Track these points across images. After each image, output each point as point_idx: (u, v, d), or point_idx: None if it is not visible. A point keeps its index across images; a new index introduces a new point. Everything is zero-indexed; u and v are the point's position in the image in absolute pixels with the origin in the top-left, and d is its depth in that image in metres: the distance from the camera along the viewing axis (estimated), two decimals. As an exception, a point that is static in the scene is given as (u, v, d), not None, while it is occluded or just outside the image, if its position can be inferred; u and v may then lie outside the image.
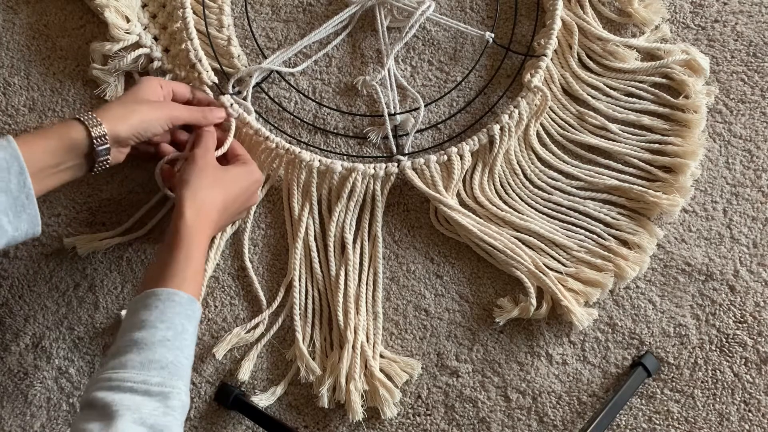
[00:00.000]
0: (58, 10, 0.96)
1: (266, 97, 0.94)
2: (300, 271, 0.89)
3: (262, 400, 0.87)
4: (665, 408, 0.87)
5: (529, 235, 0.88)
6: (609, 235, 0.89)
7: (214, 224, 0.79)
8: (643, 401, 0.87)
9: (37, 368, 0.90)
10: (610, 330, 0.88)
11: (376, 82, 0.92)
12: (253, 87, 0.92)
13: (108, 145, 0.74)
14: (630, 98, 0.92)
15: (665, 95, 0.91)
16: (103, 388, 0.66)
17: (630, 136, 0.91)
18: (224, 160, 0.86)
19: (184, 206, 0.76)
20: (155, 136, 0.79)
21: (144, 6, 0.95)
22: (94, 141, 0.73)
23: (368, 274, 0.89)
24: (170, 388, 0.67)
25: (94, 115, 0.74)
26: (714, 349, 0.88)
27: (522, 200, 0.90)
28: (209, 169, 0.79)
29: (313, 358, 0.87)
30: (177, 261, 0.73)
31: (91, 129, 0.73)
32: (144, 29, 0.93)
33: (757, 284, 0.89)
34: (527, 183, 0.90)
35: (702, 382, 0.87)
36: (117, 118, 0.75)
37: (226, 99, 0.89)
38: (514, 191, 0.90)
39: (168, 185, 0.85)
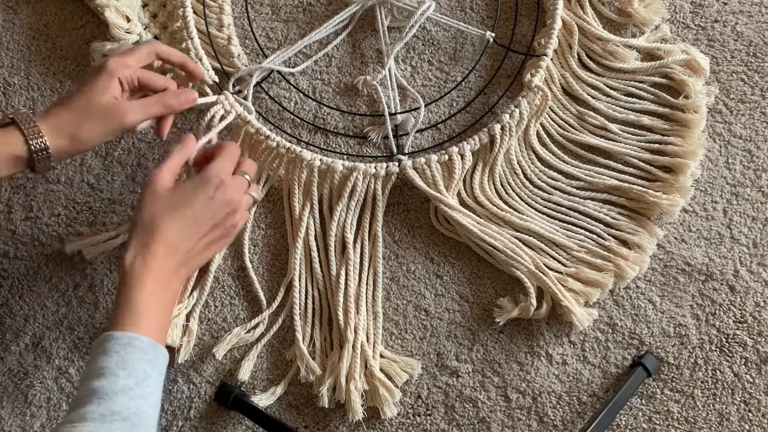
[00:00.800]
0: (58, 10, 0.96)
1: (266, 97, 0.94)
2: (300, 271, 0.89)
3: (262, 400, 0.87)
4: (665, 408, 0.87)
5: (529, 235, 0.88)
6: (609, 235, 0.89)
7: (170, 258, 0.71)
8: (643, 401, 0.87)
9: (37, 368, 0.90)
10: (610, 330, 0.88)
11: (377, 82, 0.92)
12: (254, 86, 0.92)
13: (50, 158, 0.70)
14: (630, 98, 0.92)
15: (665, 95, 0.91)
16: None
17: (630, 136, 0.91)
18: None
19: (125, 249, 0.70)
20: (127, 132, 0.76)
21: (144, 6, 0.95)
22: (35, 155, 0.70)
23: (368, 273, 0.89)
24: None
25: (36, 124, 0.70)
26: (714, 349, 0.88)
27: (522, 200, 0.90)
28: (153, 198, 0.72)
29: (313, 358, 0.87)
30: (131, 303, 0.68)
31: (30, 141, 0.69)
32: (144, 29, 0.93)
33: (757, 284, 0.89)
34: (527, 183, 0.90)
35: (702, 382, 0.87)
36: (59, 129, 0.71)
37: (227, 97, 0.89)
38: (514, 191, 0.90)
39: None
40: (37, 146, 0.70)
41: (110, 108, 0.74)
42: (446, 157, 0.88)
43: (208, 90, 0.90)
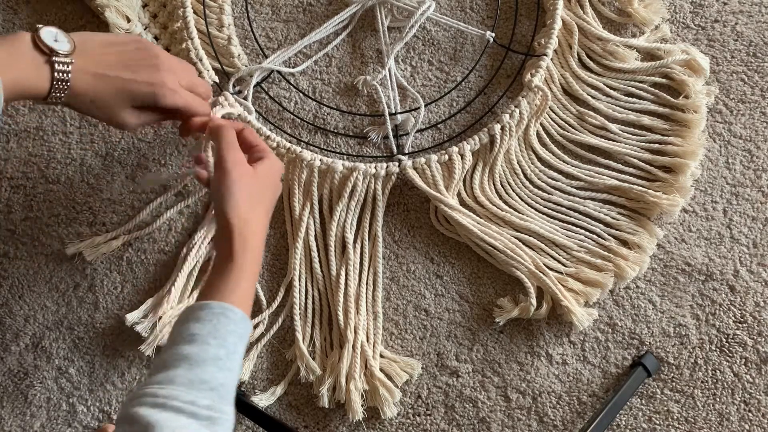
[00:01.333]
0: (58, 10, 0.96)
1: (266, 97, 0.94)
2: (300, 271, 0.89)
3: (262, 400, 0.87)
4: (665, 408, 0.87)
5: (529, 235, 0.88)
6: (609, 235, 0.89)
7: (262, 235, 0.73)
8: (643, 401, 0.87)
9: (37, 368, 0.90)
10: (610, 330, 0.88)
11: (377, 82, 0.92)
12: (254, 86, 0.92)
13: (68, 74, 0.66)
14: (630, 98, 0.92)
15: (665, 95, 0.91)
16: (148, 404, 0.60)
17: (630, 136, 0.91)
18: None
19: (232, 225, 0.69)
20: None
21: (144, 6, 0.95)
22: (55, 60, 0.65)
23: (368, 273, 0.89)
24: (219, 414, 0.61)
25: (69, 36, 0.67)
26: (714, 349, 0.88)
27: (522, 200, 0.90)
28: (245, 179, 0.72)
29: (313, 358, 0.87)
30: (229, 277, 0.68)
31: (55, 45, 0.65)
32: (145, 29, 0.93)
33: (757, 284, 0.89)
34: (527, 183, 0.90)
35: (702, 382, 0.87)
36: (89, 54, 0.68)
37: (227, 98, 0.89)
38: (514, 191, 0.90)
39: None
40: (62, 50, 0.65)
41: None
42: (446, 157, 0.88)
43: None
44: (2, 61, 0.63)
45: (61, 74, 0.66)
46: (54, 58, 0.65)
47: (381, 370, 0.86)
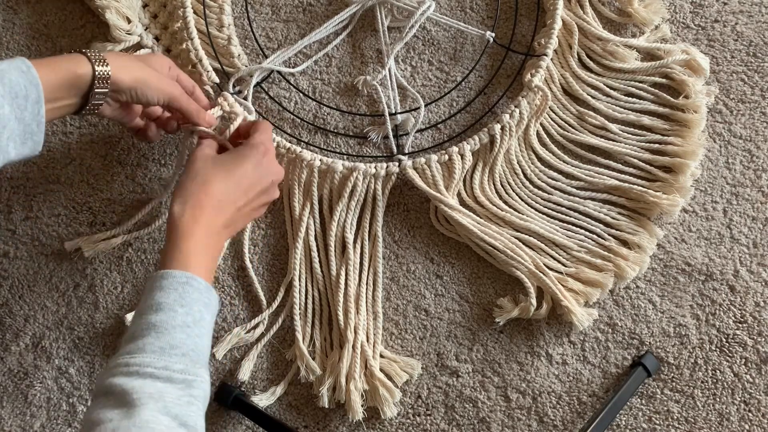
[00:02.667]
0: (58, 10, 0.96)
1: (266, 97, 0.94)
2: (300, 271, 0.89)
3: (262, 400, 0.87)
4: (665, 408, 0.87)
5: (529, 235, 0.88)
6: (609, 235, 0.89)
7: (214, 211, 0.72)
8: (643, 401, 0.87)
9: (37, 368, 0.90)
10: (610, 330, 0.88)
11: (377, 82, 0.92)
12: (254, 86, 0.92)
13: (107, 89, 0.70)
14: (630, 98, 0.92)
15: (665, 95, 0.91)
16: (121, 374, 0.61)
17: (630, 136, 0.91)
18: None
19: (171, 204, 0.72)
20: (147, 105, 0.76)
21: (145, 6, 0.95)
22: (96, 81, 0.69)
23: (368, 273, 0.89)
24: (193, 376, 0.63)
25: (102, 55, 0.70)
26: (714, 349, 0.88)
27: (522, 200, 0.90)
28: (198, 163, 0.75)
29: (313, 358, 0.87)
30: (181, 249, 0.69)
31: (96, 68, 0.69)
32: (145, 29, 0.93)
33: (757, 284, 0.89)
34: (527, 183, 0.90)
35: (702, 382, 0.87)
36: (124, 67, 0.71)
37: (227, 98, 0.89)
38: (514, 191, 0.90)
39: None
40: (101, 73, 0.69)
41: (164, 75, 0.77)
42: (446, 157, 0.88)
43: (209, 90, 0.90)
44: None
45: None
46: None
47: (381, 370, 0.86)
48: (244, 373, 0.87)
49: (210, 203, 0.72)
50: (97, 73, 0.69)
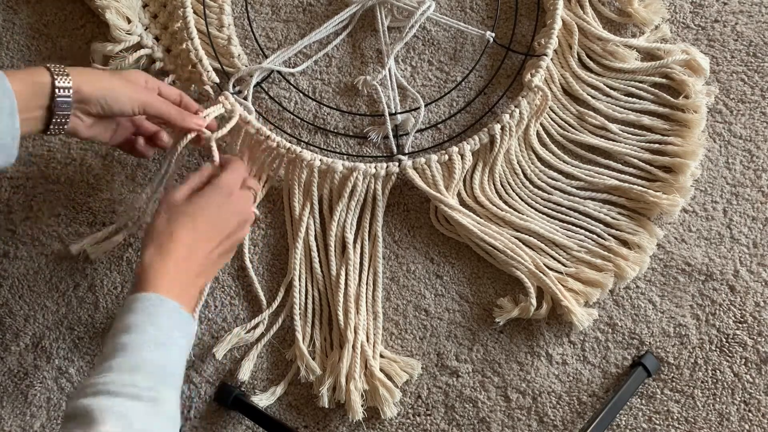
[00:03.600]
0: (58, 10, 0.96)
1: (266, 97, 0.94)
2: (300, 271, 0.89)
3: (262, 400, 0.87)
4: (665, 408, 0.87)
5: (529, 235, 0.88)
6: (609, 235, 0.89)
7: (185, 260, 0.70)
8: (643, 401, 0.87)
9: (37, 368, 0.90)
10: (610, 330, 0.88)
11: (377, 82, 0.92)
12: (254, 86, 0.92)
13: (70, 99, 0.69)
14: (630, 98, 0.92)
15: (665, 95, 0.91)
16: (88, 395, 0.59)
17: (630, 136, 0.91)
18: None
19: (143, 251, 0.70)
20: (122, 115, 0.74)
21: (145, 6, 0.95)
22: (56, 90, 0.68)
23: (368, 273, 0.89)
24: (161, 394, 0.61)
25: (63, 67, 0.69)
26: (714, 349, 0.88)
27: (522, 200, 0.90)
28: (168, 208, 0.73)
29: (313, 358, 0.87)
30: (151, 289, 0.67)
31: (56, 77, 0.68)
32: (145, 29, 0.93)
33: (757, 284, 0.89)
34: (527, 183, 0.90)
35: (702, 382, 0.87)
36: (86, 78, 0.70)
37: (227, 98, 0.89)
38: (514, 191, 0.90)
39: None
40: (62, 83, 0.68)
41: (135, 83, 0.76)
42: (446, 157, 0.88)
43: (209, 90, 0.90)
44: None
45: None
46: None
47: (381, 370, 0.86)
48: (244, 373, 0.87)
49: (180, 252, 0.70)
50: (56, 81, 0.68)
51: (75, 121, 0.72)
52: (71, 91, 0.69)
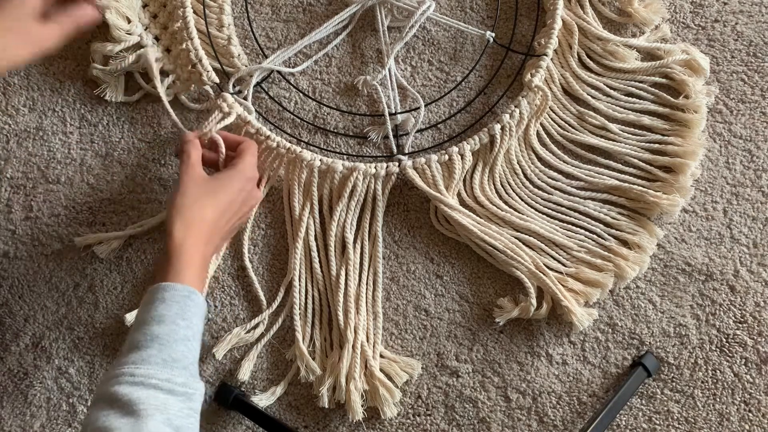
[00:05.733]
0: (58, 10, 0.96)
1: (266, 97, 0.94)
2: (300, 271, 0.89)
3: (262, 400, 0.87)
4: (665, 408, 0.87)
5: (529, 235, 0.88)
6: (609, 235, 0.89)
7: (208, 237, 0.75)
8: (643, 401, 0.87)
9: (37, 368, 0.90)
10: (610, 330, 0.88)
11: (377, 82, 0.92)
12: (254, 86, 0.92)
13: None
14: (630, 98, 0.92)
15: (665, 95, 0.91)
16: (126, 383, 0.63)
17: (630, 136, 0.91)
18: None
19: (172, 226, 0.73)
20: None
21: (145, 6, 0.95)
22: None
23: (368, 273, 0.89)
24: (193, 390, 0.66)
25: None
26: (714, 349, 0.88)
27: (522, 200, 0.90)
28: (193, 184, 0.77)
29: (313, 358, 0.87)
30: (181, 276, 0.71)
31: None
32: (145, 29, 0.93)
33: (757, 284, 0.89)
34: (527, 183, 0.90)
35: (702, 382, 0.87)
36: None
37: (227, 98, 0.89)
38: (514, 191, 0.90)
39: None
40: None
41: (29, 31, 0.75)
42: (446, 157, 0.88)
43: (209, 90, 0.90)
44: None
45: None
46: None
47: (381, 370, 0.86)
48: (244, 373, 0.87)
49: (207, 231, 0.75)
50: None
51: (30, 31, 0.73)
52: None
